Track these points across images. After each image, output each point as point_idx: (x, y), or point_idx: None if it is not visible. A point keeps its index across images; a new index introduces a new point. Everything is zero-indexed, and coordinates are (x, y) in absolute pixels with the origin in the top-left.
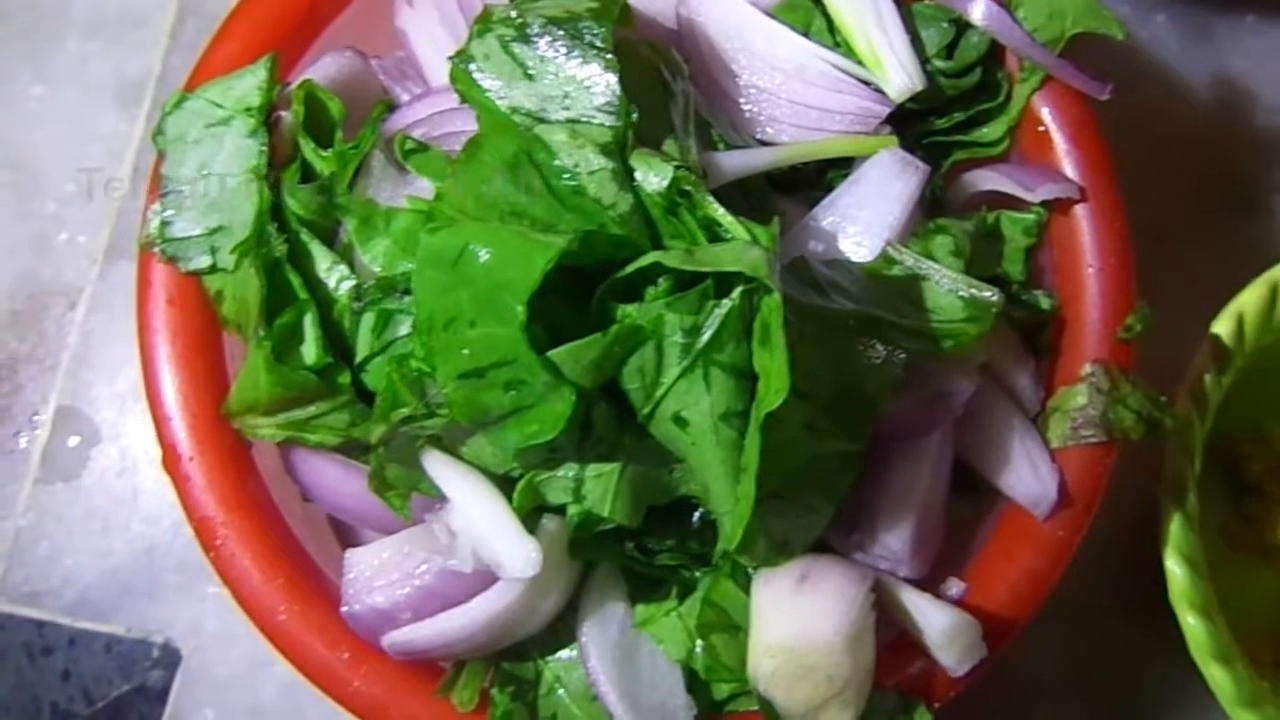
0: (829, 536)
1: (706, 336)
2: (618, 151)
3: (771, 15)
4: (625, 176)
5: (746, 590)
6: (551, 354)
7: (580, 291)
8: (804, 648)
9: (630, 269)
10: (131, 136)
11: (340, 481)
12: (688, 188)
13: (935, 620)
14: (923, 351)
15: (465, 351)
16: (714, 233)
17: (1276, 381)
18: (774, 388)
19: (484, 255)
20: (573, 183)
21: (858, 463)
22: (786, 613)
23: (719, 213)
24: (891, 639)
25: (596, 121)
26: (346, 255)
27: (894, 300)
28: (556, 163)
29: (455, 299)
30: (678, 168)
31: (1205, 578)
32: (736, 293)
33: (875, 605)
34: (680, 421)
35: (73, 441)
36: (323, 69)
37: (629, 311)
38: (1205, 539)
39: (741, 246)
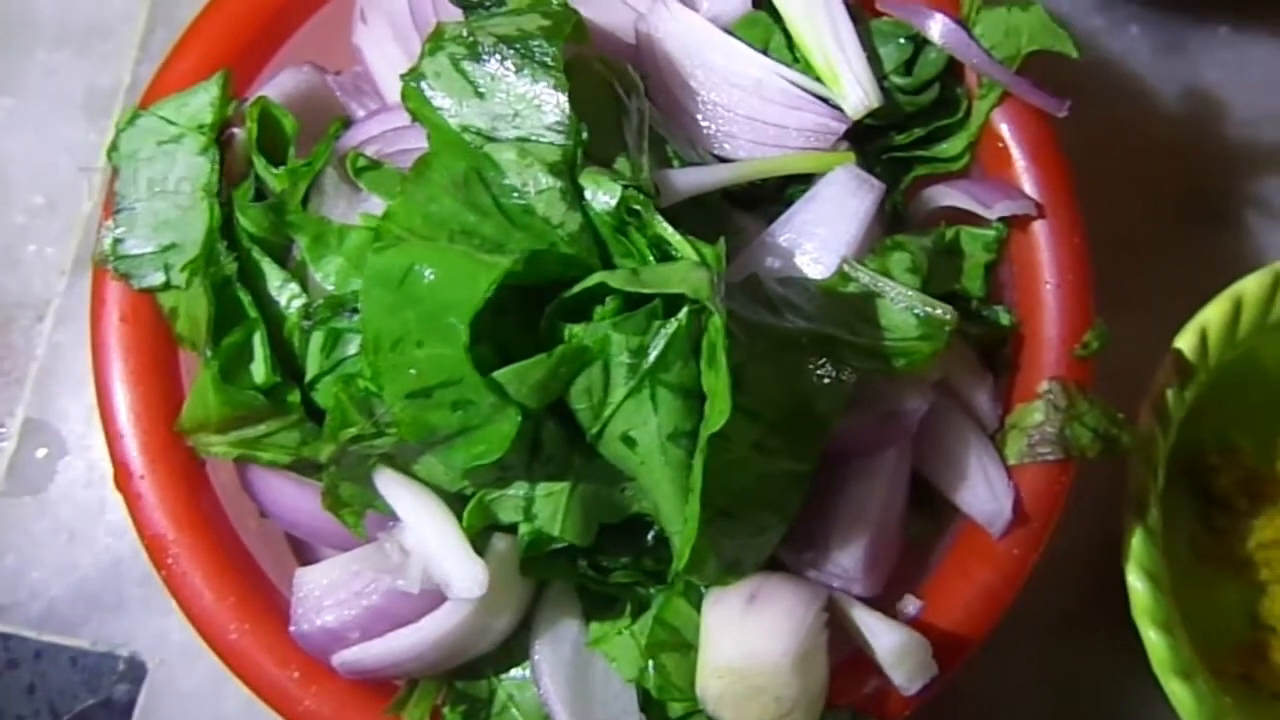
0: (782, 554)
1: (653, 357)
2: (567, 170)
3: (730, 32)
4: (574, 195)
5: (699, 609)
6: (497, 374)
7: (532, 310)
8: (752, 669)
9: (577, 289)
10: (101, 148)
11: (296, 499)
12: (636, 207)
13: (885, 639)
14: (876, 370)
15: (412, 371)
16: (663, 251)
17: (1243, 395)
18: (717, 409)
19: (429, 275)
20: (522, 202)
21: (808, 482)
22: (735, 633)
23: (667, 232)
24: (846, 657)
25: (546, 140)
26: (300, 273)
27: (848, 318)
28: (506, 181)
29: (402, 319)
30: (626, 187)
31: (1168, 593)
32: (683, 313)
33: (828, 624)
34: (629, 441)
35: (40, 454)
36: (280, 85)
37: (575, 332)
38: (1172, 552)
39: (687, 267)
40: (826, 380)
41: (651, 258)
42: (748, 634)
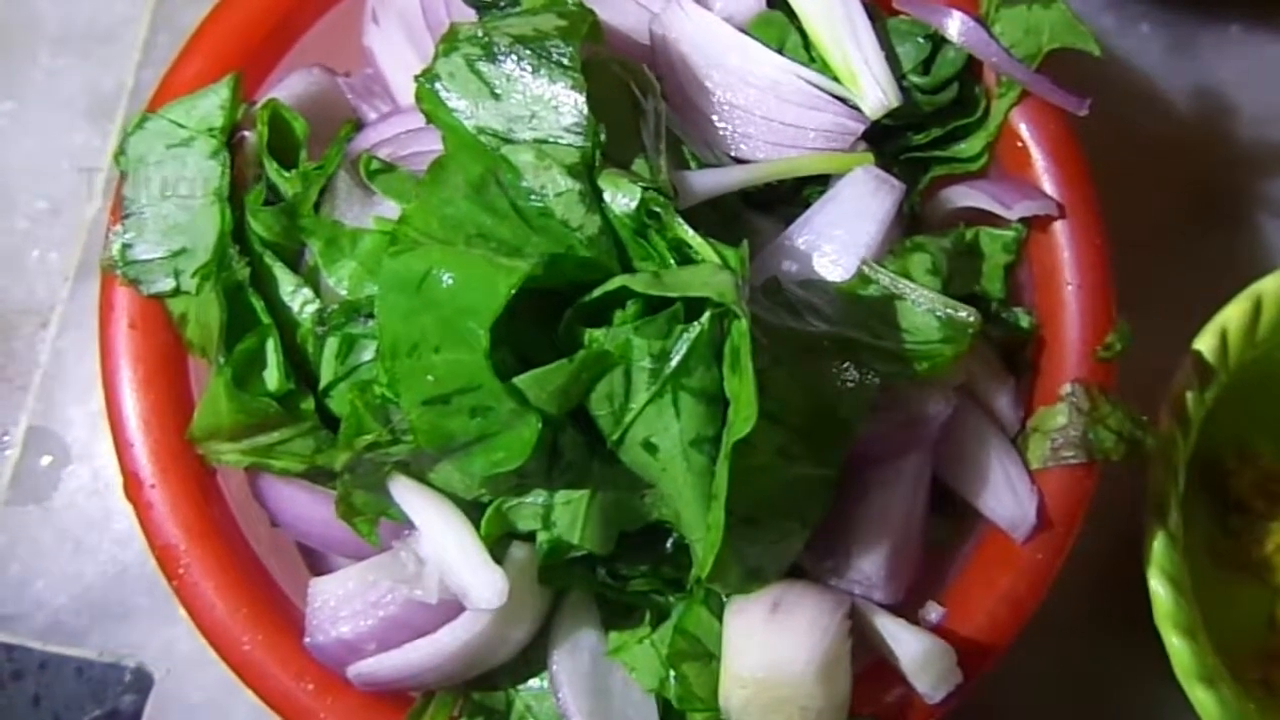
0: (803, 561)
1: (675, 362)
2: (585, 172)
3: (746, 32)
4: (593, 198)
5: (720, 617)
6: (517, 380)
7: (551, 314)
8: (776, 679)
9: (597, 293)
10: (104, 152)
11: (308, 507)
12: (656, 209)
13: (909, 646)
14: (898, 374)
15: (430, 378)
16: (684, 254)
17: (1262, 397)
18: (743, 415)
19: (448, 279)
20: (539, 204)
21: (832, 488)
22: (759, 642)
23: (688, 234)
24: (869, 665)
25: (564, 142)
26: (312, 278)
27: (869, 321)
28: (523, 184)
29: (419, 324)
30: (646, 189)
31: (1189, 597)
32: (705, 317)
33: (851, 632)
34: (650, 447)
35: (44, 462)
36: (289, 87)
37: (596, 336)
38: (1190, 556)
39: (710, 270)
40: (850, 384)
41: (672, 261)
42: (771, 643)
